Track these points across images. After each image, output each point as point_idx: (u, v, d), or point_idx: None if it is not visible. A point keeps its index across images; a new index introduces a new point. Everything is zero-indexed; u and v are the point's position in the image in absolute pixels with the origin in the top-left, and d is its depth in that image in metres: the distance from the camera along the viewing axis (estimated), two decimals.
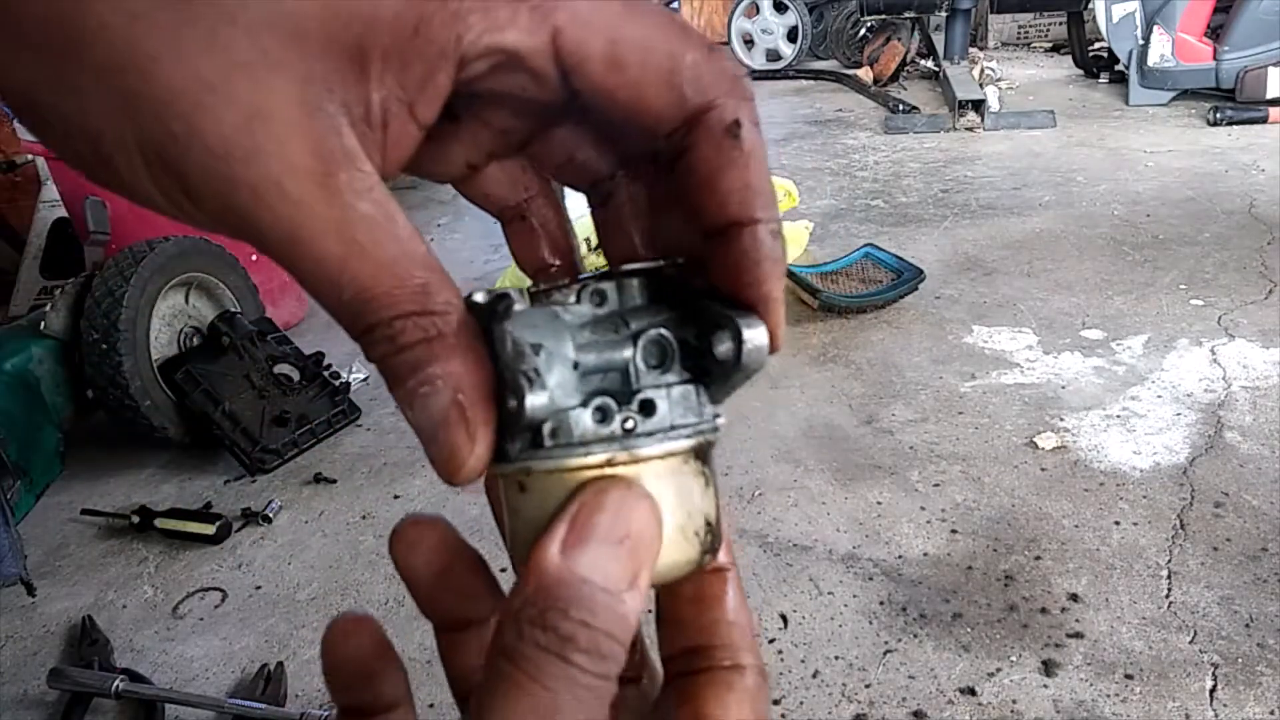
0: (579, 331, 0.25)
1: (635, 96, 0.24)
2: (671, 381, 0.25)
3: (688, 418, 0.25)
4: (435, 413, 0.23)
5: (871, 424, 2.27)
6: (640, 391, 0.25)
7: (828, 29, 6.37)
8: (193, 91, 0.21)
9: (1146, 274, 2.93)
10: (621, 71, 0.24)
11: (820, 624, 1.67)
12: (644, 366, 0.25)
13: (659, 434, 0.25)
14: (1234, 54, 4.46)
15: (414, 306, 0.23)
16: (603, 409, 0.24)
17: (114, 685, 1.55)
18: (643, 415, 0.25)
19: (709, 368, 0.25)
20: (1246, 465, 1.99)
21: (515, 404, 0.23)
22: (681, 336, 0.25)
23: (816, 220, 3.45)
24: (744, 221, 0.25)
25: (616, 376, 0.25)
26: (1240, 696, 1.46)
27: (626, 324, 0.25)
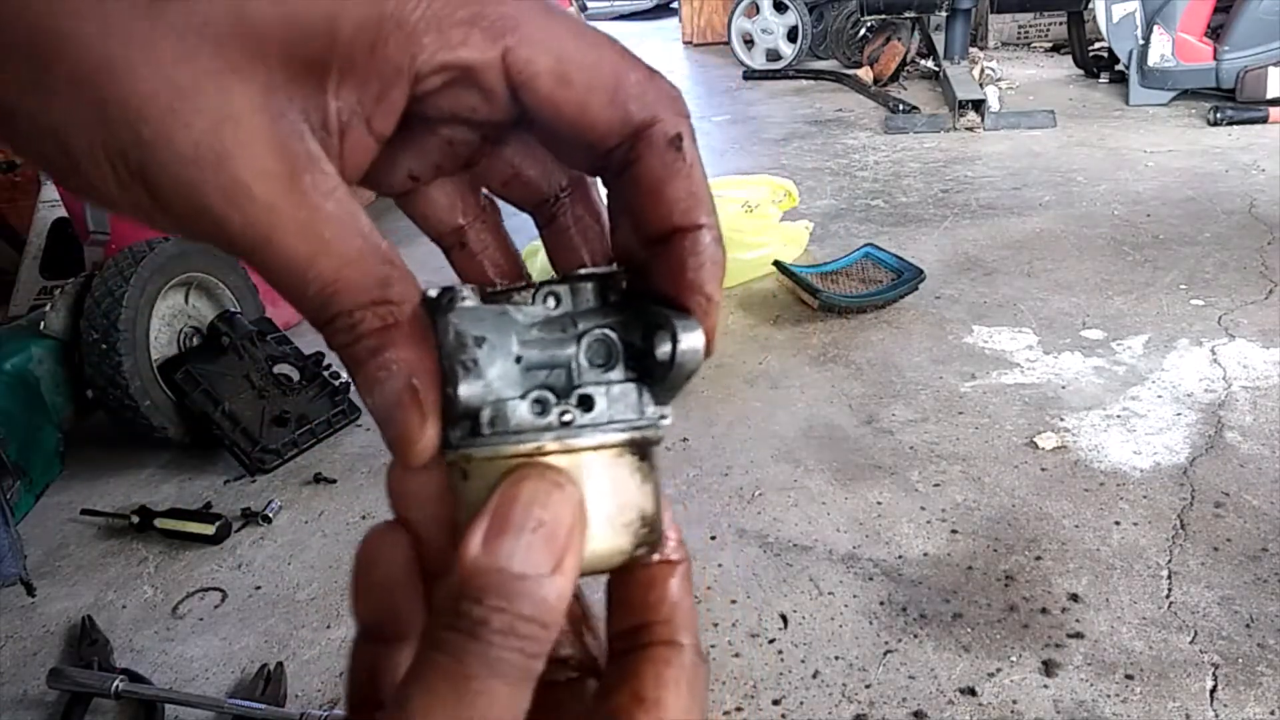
0: (527, 330, 0.26)
1: (581, 112, 0.26)
2: (613, 380, 0.26)
3: (627, 414, 0.26)
4: (390, 395, 0.25)
5: (872, 424, 2.26)
6: (580, 388, 0.26)
7: (828, 29, 6.37)
8: (164, 98, 0.22)
9: (1147, 274, 2.93)
10: (568, 88, 0.25)
11: (820, 624, 1.67)
12: (587, 364, 0.26)
13: (594, 428, 0.26)
14: (1234, 54, 4.46)
15: (373, 297, 0.25)
16: (541, 401, 0.25)
17: (114, 685, 1.55)
18: (580, 409, 0.26)
19: (651, 369, 0.26)
20: (1247, 465, 1.99)
21: (451, 391, 0.25)
22: (628, 339, 0.27)
23: (816, 220, 3.45)
24: (688, 227, 0.27)
25: (561, 373, 0.26)
26: (1241, 697, 1.46)
27: (575, 325, 0.27)
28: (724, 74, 6.39)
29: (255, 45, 0.23)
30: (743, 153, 4.59)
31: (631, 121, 0.26)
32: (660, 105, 0.26)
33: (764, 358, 2.62)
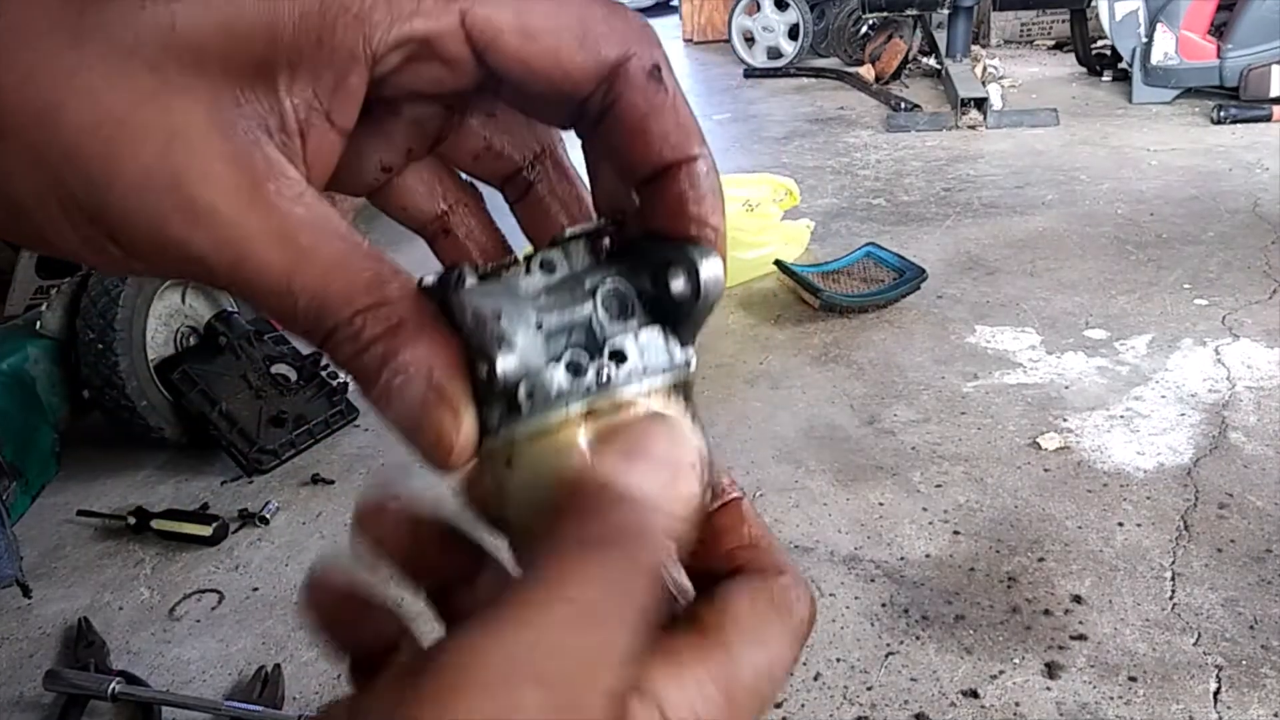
0: (536, 298, 0.25)
1: (552, 62, 0.24)
2: (637, 327, 0.25)
3: (660, 359, 0.25)
4: (413, 399, 0.23)
5: (873, 424, 2.25)
6: (608, 342, 0.25)
7: (829, 26, 6.35)
8: (102, 128, 0.21)
9: (1150, 273, 2.91)
10: (534, 40, 0.24)
11: (822, 626, 1.66)
12: (606, 319, 0.25)
13: (634, 379, 0.25)
14: (1238, 52, 4.44)
15: (369, 300, 0.23)
16: (574, 363, 0.24)
17: (110, 687, 1.54)
18: (615, 364, 0.24)
19: (669, 309, 0.25)
20: (1251, 466, 1.98)
21: (487, 370, 0.23)
22: (637, 285, 0.26)
23: (818, 219, 3.44)
24: (682, 160, 0.25)
25: (581, 334, 0.25)
26: (1244, 699, 1.45)
27: (582, 283, 0.25)
28: (725, 72, 6.38)
29: (193, 58, 0.22)
30: (744, 151, 4.57)
31: (606, 61, 0.25)
32: (632, 39, 0.25)
33: (765, 357, 2.61)
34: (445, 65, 0.24)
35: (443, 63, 0.24)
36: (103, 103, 0.21)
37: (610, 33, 0.25)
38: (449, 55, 0.24)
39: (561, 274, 0.26)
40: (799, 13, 6.18)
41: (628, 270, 0.26)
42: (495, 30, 0.24)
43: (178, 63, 0.21)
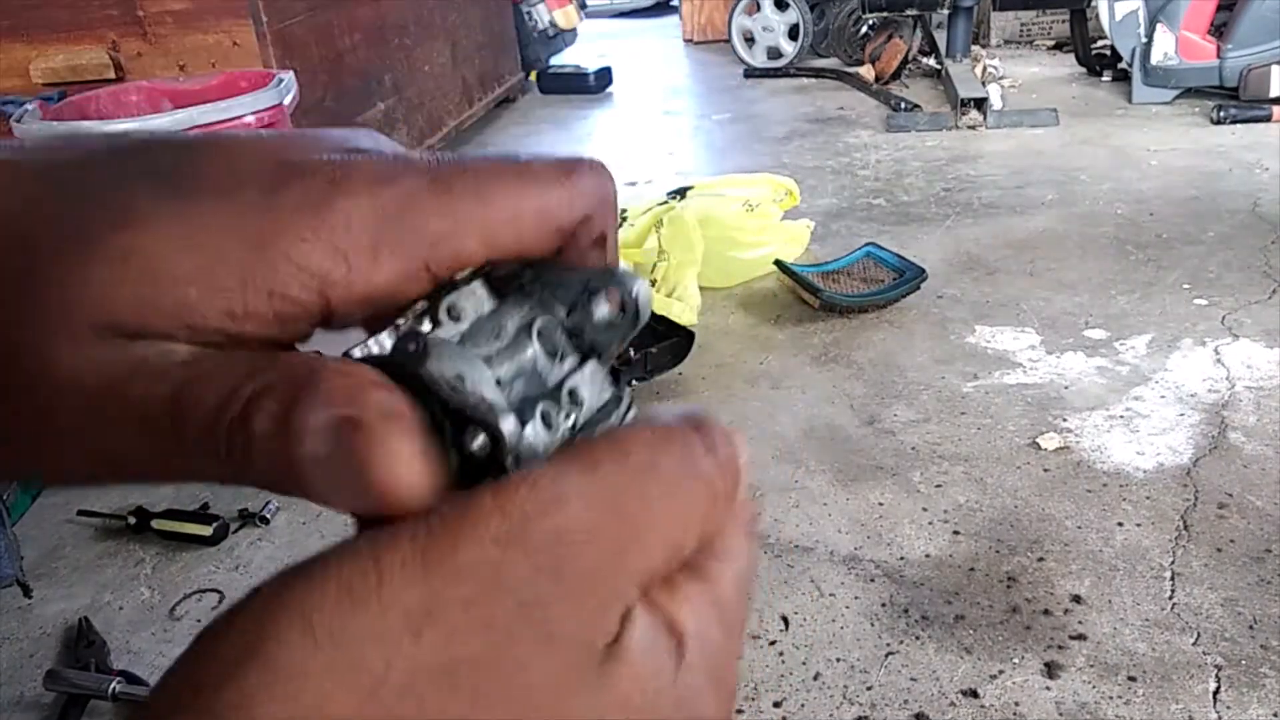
0: (477, 350, 0.23)
1: (519, 249, 0.24)
2: (574, 365, 0.24)
3: (606, 392, 0.24)
4: (324, 421, 0.19)
5: (873, 424, 2.25)
6: (562, 384, 0.23)
7: (829, 26, 6.35)
8: None
9: (1150, 273, 2.91)
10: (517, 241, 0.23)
11: (822, 626, 1.66)
12: (548, 361, 0.24)
13: (598, 419, 0.24)
14: (1238, 52, 4.44)
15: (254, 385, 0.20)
16: (546, 415, 0.23)
17: (110, 687, 1.54)
18: (576, 408, 0.24)
19: (594, 340, 0.24)
20: (1250, 466, 1.98)
21: (486, 441, 0.21)
22: (554, 320, 0.25)
23: (818, 219, 3.43)
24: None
25: (531, 380, 0.24)
26: (1244, 698, 1.45)
27: (504, 326, 0.24)
28: (724, 72, 6.37)
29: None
30: (744, 151, 4.57)
31: (563, 233, 0.24)
32: (584, 203, 0.24)
33: (765, 357, 2.61)
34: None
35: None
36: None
37: (567, 205, 0.24)
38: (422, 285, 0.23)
39: (471, 319, 0.24)
40: (799, 13, 6.18)
41: (538, 306, 0.24)
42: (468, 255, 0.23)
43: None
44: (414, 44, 4.36)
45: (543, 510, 0.19)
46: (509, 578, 0.18)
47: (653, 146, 4.82)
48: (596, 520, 0.19)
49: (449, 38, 4.76)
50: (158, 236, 0.20)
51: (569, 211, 0.24)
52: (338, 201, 0.21)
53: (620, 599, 0.20)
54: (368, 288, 0.21)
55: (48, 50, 3.16)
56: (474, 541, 0.18)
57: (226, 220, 0.21)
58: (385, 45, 4.06)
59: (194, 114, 2.56)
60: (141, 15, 3.12)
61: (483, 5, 5.23)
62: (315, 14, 3.46)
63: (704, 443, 0.22)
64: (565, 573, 0.19)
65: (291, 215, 0.21)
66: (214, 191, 0.21)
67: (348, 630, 0.17)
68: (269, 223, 0.21)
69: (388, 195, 0.21)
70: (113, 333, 0.20)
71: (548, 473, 0.20)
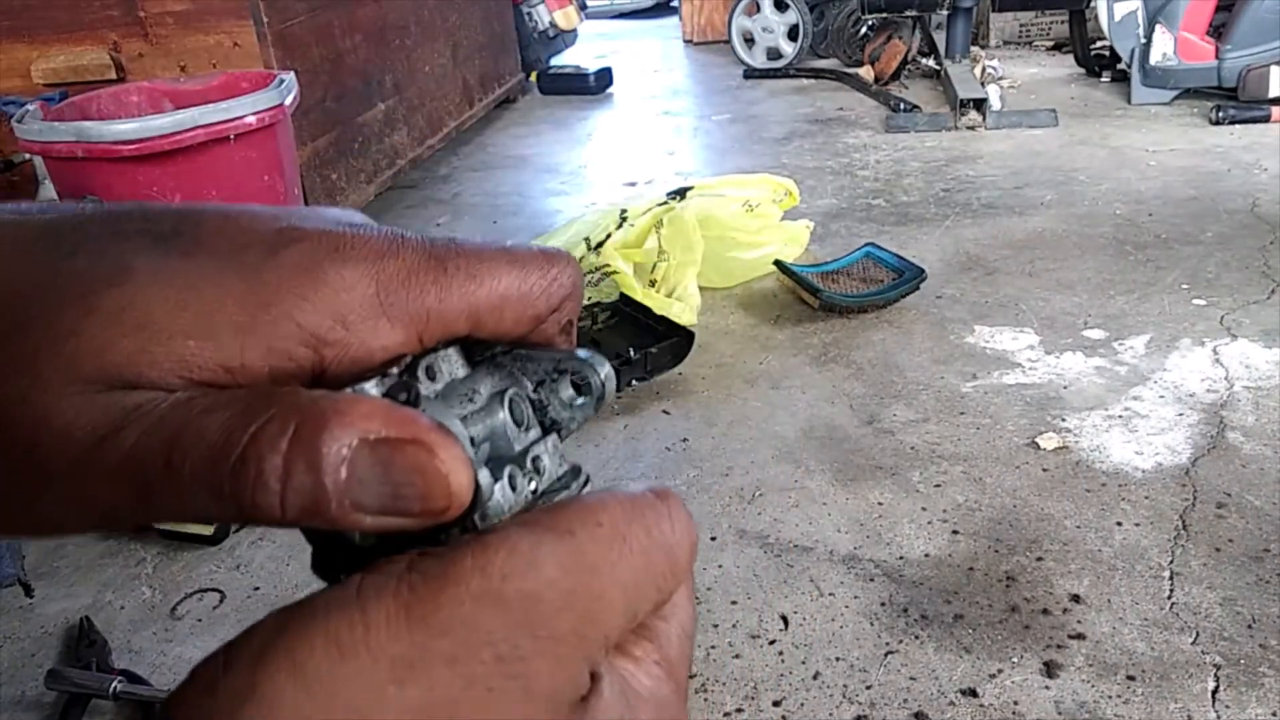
0: (449, 407, 0.24)
1: (499, 333, 0.25)
2: (537, 436, 0.26)
3: (563, 466, 0.26)
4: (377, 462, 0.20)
5: (872, 424, 2.26)
6: (527, 452, 0.25)
7: (829, 27, 6.35)
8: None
9: (1149, 273, 2.92)
10: (489, 329, 0.25)
11: (821, 625, 1.67)
12: (515, 429, 0.25)
13: (556, 488, 0.25)
14: (1236, 53, 4.45)
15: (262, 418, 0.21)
16: (512, 477, 0.24)
17: (112, 686, 1.55)
18: (538, 475, 0.25)
19: (554, 415, 0.26)
20: (1249, 466, 1.98)
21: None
22: (523, 392, 0.26)
23: (817, 219, 3.44)
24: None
25: (497, 444, 0.25)
26: (1243, 698, 1.45)
27: (475, 390, 0.25)
28: (724, 72, 6.38)
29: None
30: (743, 152, 4.58)
31: (538, 320, 0.25)
32: (560, 293, 0.25)
33: (764, 358, 2.61)
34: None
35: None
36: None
37: (543, 295, 0.25)
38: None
39: (446, 381, 0.25)
40: (798, 14, 6.18)
41: (509, 378, 0.26)
42: (454, 331, 0.24)
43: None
44: (414, 44, 4.36)
45: (520, 572, 0.20)
46: (488, 633, 0.19)
47: (653, 147, 4.82)
48: (570, 584, 0.21)
49: (449, 38, 4.76)
50: (155, 291, 0.21)
51: (546, 301, 0.25)
52: (343, 268, 0.22)
53: (590, 658, 0.21)
54: (363, 351, 0.22)
55: (49, 51, 3.17)
56: (455, 599, 0.19)
57: (226, 278, 0.21)
58: (386, 46, 4.07)
59: (195, 114, 2.56)
60: (142, 16, 3.12)
61: (483, 6, 5.24)
62: (316, 14, 3.46)
63: (669, 515, 0.23)
64: (540, 631, 0.20)
65: (294, 275, 0.22)
66: (213, 251, 0.22)
67: (336, 677, 0.18)
68: (271, 281, 0.21)
69: (390, 267, 0.23)
70: (108, 385, 0.20)
71: (525, 537, 0.21)
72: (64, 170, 2.64)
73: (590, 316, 2.66)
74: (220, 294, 0.21)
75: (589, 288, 2.83)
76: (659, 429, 2.31)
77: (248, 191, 2.74)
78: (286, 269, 0.22)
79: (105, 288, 0.21)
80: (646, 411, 2.38)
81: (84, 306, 0.21)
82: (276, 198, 2.82)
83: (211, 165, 2.64)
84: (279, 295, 0.21)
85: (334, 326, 0.22)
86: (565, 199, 4.12)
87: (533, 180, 4.43)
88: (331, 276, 0.22)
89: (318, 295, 0.22)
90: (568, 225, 3.07)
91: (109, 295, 0.21)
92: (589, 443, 2.28)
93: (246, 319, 0.21)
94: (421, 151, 4.40)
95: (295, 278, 0.22)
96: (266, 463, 0.19)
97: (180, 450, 0.20)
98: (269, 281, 0.21)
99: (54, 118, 2.67)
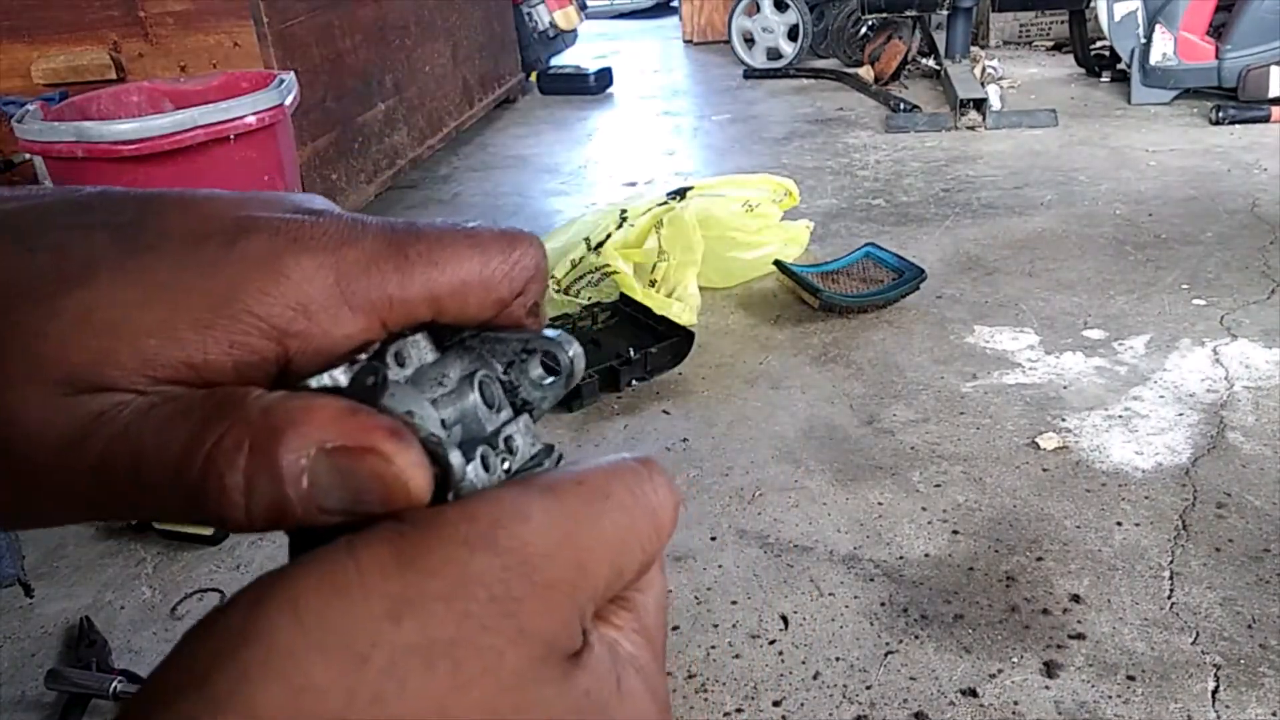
0: (420, 390, 0.25)
1: (463, 317, 0.25)
2: (509, 417, 0.26)
3: (536, 445, 0.26)
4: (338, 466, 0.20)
5: (872, 424, 2.26)
6: (499, 432, 0.25)
7: (829, 27, 6.35)
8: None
9: (1149, 273, 2.92)
10: (451, 313, 0.25)
11: (821, 625, 1.67)
12: (486, 410, 0.25)
13: (530, 467, 0.25)
14: (1236, 53, 4.45)
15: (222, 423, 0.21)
16: (485, 458, 0.24)
17: (112, 687, 1.55)
18: (511, 455, 0.25)
19: (524, 396, 0.26)
20: (1249, 466, 1.98)
21: (436, 472, 0.22)
22: (495, 374, 0.26)
23: (817, 219, 3.44)
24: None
25: (469, 426, 0.25)
26: (1242, 698, 1.45)
27: (445, 374, 0.25)
28: (724, 73, 6.37)
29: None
30: (743, 152, 4.58)
31: (502, 303, 0.25)
32: (523, 276, 0.25)
33: (764, 358, 2.61)
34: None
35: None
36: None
37: (506, 279, 0.25)
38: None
39: (416, 366, 0.25)
40: (798, 14, 6.18)
41: (478, 360, 0.26)
42: (416, 318, 0.24)
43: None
44: (414, 44, 4.36)
45: (508, 521, 0.20)
46: (480, 575, 0.19)
47: (653, 147, 4.82)
48: (558, 534, 0.21)
49: (449, 38, 4.76)
50: (118, 291, 0.21)
51: (509, 285, 0.25)
52: (302, 258, 0.22)
53: (581, 611, 0.21)
54: (326, 341, 0.22)
55: (49, 51, 3.17)
56: (444, 542, 0.20)
57: (188, 273, 0.21)
58: (386, 46, 4.07)
59: (195, 114, 2.56)
60: (142, 16, 3.12)
61: (483, 6, 5.24)
62: (316, 14, 3.46)
63: (650, 478, 0.23)
64: (534, 576, 0.20)
65: (254, 269, 0.22)
66: (175, 245, 0.22)
67: (332, 614, 0.18)
68: (231, 275, 0.22)
69: (350, 255, 0.23)
70: (74, 388, 0.21)
71: (510, 492, 0.21)
72: (64, 170, 2.64)
73: (590, 316, 2.66)
74: (181, 290, 0.21)
75: (589, 288, 2.83)
76: (659, 429, 2.31)
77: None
78: (246, 262, 0.22)
79: (70, 288, 0.21)
80: (646, 411, 2.38)
81: (49, 308, 0.21)
82: None
83: (211, 165, 2.64)
84: (239, 289, 0.21)
85: (295, 318, 0.22)
86: (565, 199, 4.12)
87: (533, 180, 4.43)
88: (291, 268, 0.22)
89: (277, 288, 0.22)
90: (568, 225, 3.07)
91: (74, 296, 0.21)
92: (589, 443, 2.28)
93: (208, 315, 0.21)
94: (421, 151, 4.41)
95: (254, 270, 0.22)
96: (228, 478, 0.20)
97: (146, 464, 0.20)
98: (229, 275, 0.21)
99: (54, 118, 2.67)
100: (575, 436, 2.31)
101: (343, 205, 1.22)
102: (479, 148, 4.99)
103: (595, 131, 5.24)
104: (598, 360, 2.49)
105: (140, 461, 0.20)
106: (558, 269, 2.79)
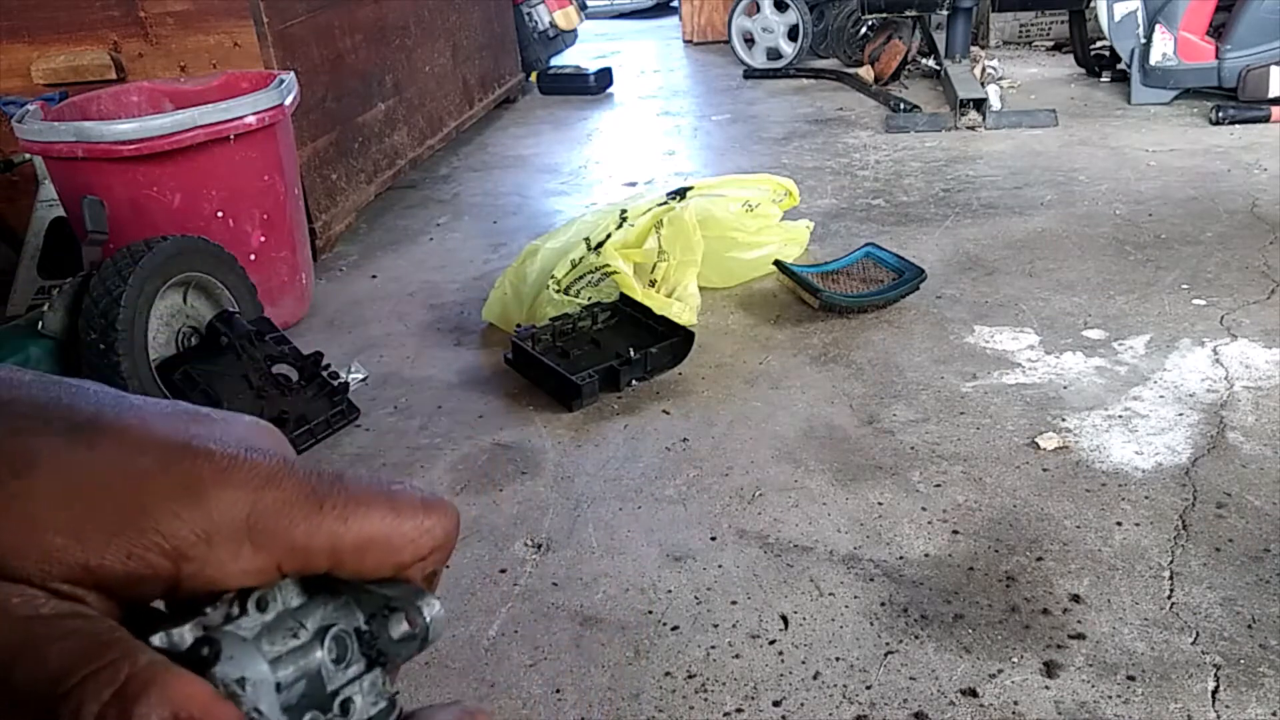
0: (260, 646, 0.25)
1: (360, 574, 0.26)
2: (358, 674, 0.26)
3: (380, 704, 0.26)
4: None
5: (872, 424, 2.26)
6: (339, 693, 0.25)
7: (829, 27, 6.35)
8: None
9: (1149, 273, 2.92)
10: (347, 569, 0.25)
11: (821, 625, 1.67)
12: (333, 666, 0.25)
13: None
14: (1236, 53, 4.45)
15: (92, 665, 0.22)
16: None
17: None
18: (344, 718, 0.25)
19: (385, 649, 0.26)
20: (1249, 465, 1.98)
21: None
22: (354, 625, 0.26)
23: (817, 219, 3.44)
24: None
25: (311, 684, 0.25)
26: (1242, 698, 1.45)
27: (302, 625, 0.25)
28: (724, 73, 6.38)
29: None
30: (743, 152, 4.58)
31: (400, 568, 0.26)
32: (429, 544, 0.26)
33: (764, 358, 2.61)
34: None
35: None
36: None
37: (412, 544, 0.26)
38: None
39: (276, 611, 0.25)
40: (798, 14, 6.18)
41: (342, 609, 0.26)
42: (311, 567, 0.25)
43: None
44: (414, 44, 4.36)
45: None
46: None
47: (653, 147, 4.82)
48: None
49: (449, 38, 4.76)
50: (46, 485, 0.22)
51: (413, 551, 0.26)
52: (225, 490, 0.23)
53: None
54: (219, 573, 0.23)
55: (49, 51, 3.17)
56: None
57: (115, 479, 0.23)
58: (386, 46, 4.07)
59: (195, 114, 2.56)
60: (143, 16, 3.12)
61: (483, 6, 5.24)
62: (316, 15, 3.46)
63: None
64: None
65: (177, 489, 0.23)
66: (114, 453, 0.23)
67: None
68: (154, 490, 0.23)
69: (268, 496, 0.24)
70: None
71: None
72: (64, 170, 2.64)
73: (590, 316, 2.66)
74: (103, 495, 0.22)
75: (589, 288, 2.83)
76: (659, 429, 2.31)
77: (248, 191, 2.75)
78: (171, 482, 0.23)
79: (8, 478, 0.22)
80: (646, 411, 2.38)
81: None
82: (276, 197, 2.82)
83: (211, 165, 2.64)
84: (155, 505, 0.23)
85: (197, 544, 0.23)
86: (565, 199, 4.12)
87: (533, 180, 4.43)
88: (210, 497, 0.23)
89: (190, 513, 0.23)
90: (568, 225, 3.07)
91: (10, 486, 0.22)
92: (589, 443, 2.28)
93: (117, 523, 0.22)
94: (421, 151, 4.41)
95: (176, 490, 0.23)
96: (86, 708, 0.20)
97: (21, 670, 0.21)
98: (151, 490, 0.23)
99: (54, 118, 2.67)
100: (575, 436, 2.31)
101: (343, 205, 1.23)
102: (479, 148, 4.99)
103: (595, 131, 5.24)
104: (598, 360, 2.49)
105: (15, 667, 0.21)
106: (558, 269, 2.79)
